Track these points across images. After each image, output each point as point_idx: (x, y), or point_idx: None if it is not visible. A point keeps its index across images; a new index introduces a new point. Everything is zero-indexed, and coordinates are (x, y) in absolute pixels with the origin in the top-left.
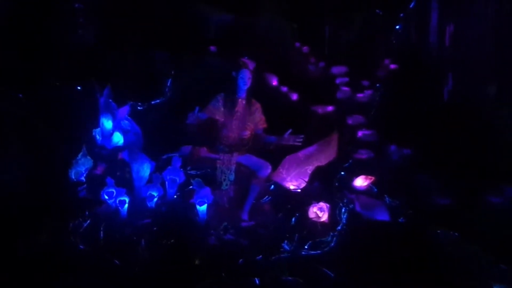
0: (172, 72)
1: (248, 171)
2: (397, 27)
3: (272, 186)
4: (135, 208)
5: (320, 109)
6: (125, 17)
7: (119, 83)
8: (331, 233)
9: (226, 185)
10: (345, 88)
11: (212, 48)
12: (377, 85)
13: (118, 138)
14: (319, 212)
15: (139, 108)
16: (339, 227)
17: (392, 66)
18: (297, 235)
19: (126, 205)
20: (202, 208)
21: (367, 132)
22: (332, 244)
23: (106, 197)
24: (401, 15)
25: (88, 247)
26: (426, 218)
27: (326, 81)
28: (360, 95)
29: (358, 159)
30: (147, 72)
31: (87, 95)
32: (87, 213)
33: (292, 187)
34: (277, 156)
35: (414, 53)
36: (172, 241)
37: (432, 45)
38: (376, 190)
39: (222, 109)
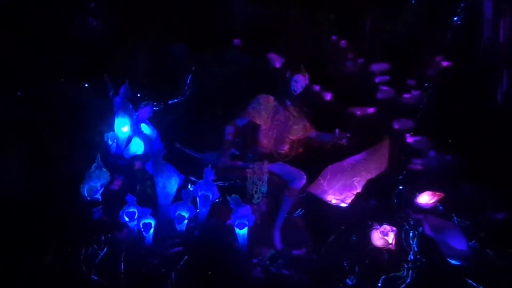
0: (193, 68)
1: (281, 181)
2: (455, 18)
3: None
4: (161, 233)
5: (358, 111)
6: (140, 6)
7: (133, 81)
8: (405, 265)
9: (258, 198)
10: (385, 88)
11: (237, 41)
12: (425, 84)
13: (137, 146)
14: (386, 237)
15: (154, 108)
16: (411, 256)
17: (444, 64)
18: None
19: (152, 229)
20: (243, 231)
21: (417, 138)
22: (409, 280)
23: (127, 219)
24: (462, 5)
25: (105, 280)
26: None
27: (365, 80)
28: (406, 95)
29: (414, 170)
30: (164, 68)
31: (99, 94)
32: (103, 238)
33: (334, 201)
34: (313, 165)
35: (473, 49)
36: (209, 273)
37: (493, 41)
38: (442, 208)
39: (263, 113)
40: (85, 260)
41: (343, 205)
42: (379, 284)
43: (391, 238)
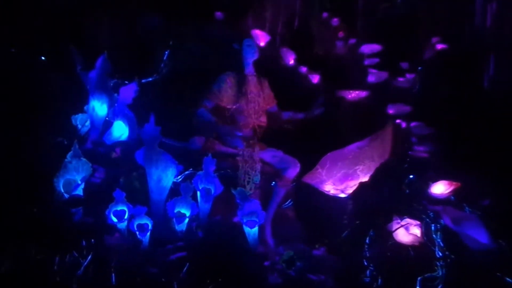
0: (170, 43)
1: (272, 170)
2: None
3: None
4: (158, 235)
5: (349, 95)
6: None
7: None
8: (437, 263)
9: (251, 189)
10: (374, 70)
11: (218, 14)
12: (419, 68)
13: (121, 130)
14: (414, 232)
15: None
16: (439, 253)
17: (439, 46)
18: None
19: (149, 232)
20: (253, 230)
21: (417, 124)
22: (444, 279)
23: (115, 219)
24: None
25: None
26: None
27: (357, 62)
28: (400, 79)
29: (421, 158)
30: (138, 42)
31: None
32: (84, 243)
33: (332, 192)
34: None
35: (469, 32)
36: (219, 280)
37: (485, 23)
38: (453, 198)
39: (230, 91)
40: (60, 270)
41: (342, 195)
42: (418, 287)
43: (418, 233)
